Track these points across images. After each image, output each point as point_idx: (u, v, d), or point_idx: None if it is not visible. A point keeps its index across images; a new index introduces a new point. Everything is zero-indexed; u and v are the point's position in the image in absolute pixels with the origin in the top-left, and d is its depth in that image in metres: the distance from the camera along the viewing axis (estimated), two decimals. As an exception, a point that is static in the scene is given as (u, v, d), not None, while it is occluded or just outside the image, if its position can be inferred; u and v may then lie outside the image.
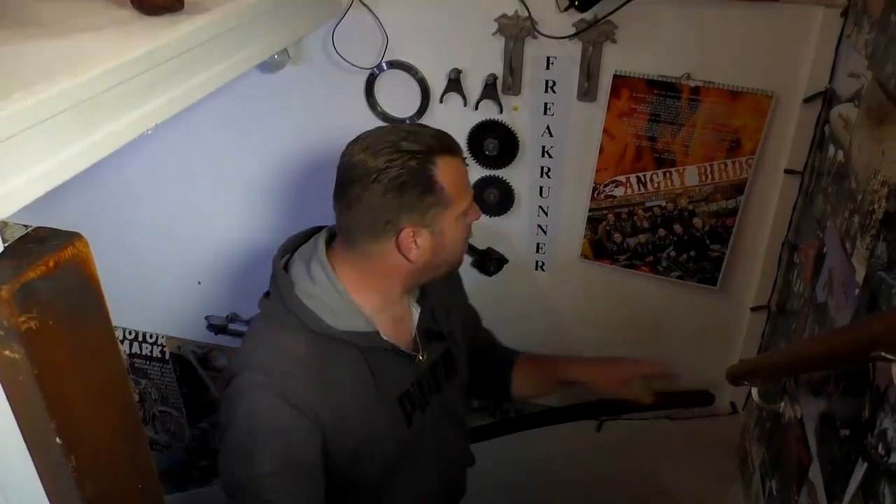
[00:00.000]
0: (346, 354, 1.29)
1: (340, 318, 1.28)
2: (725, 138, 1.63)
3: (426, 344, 1.45)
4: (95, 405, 0.87)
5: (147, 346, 2.56)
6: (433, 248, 1.28)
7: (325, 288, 1.29)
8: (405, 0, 1.66)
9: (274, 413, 1.20)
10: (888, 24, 1.16)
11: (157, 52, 1.03)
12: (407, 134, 1.26)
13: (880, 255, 1.05)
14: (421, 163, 1.22)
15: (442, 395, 1.48)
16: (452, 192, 1.26)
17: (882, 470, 0.93)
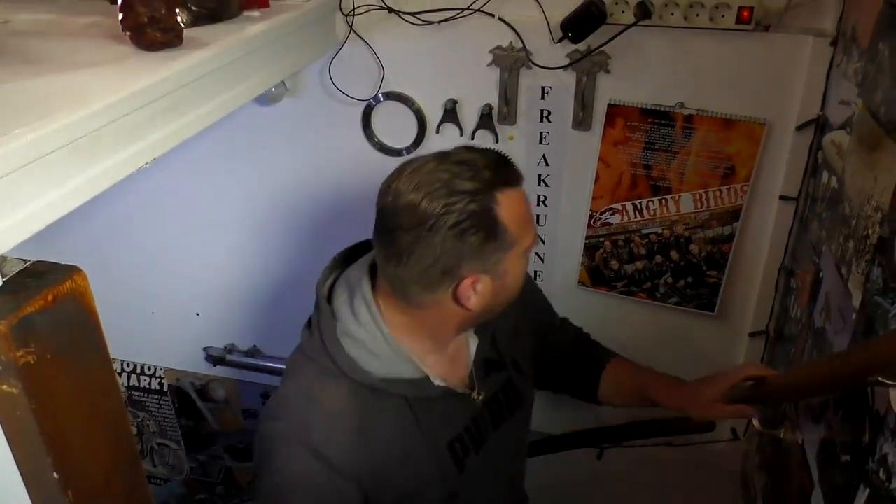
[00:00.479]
0: (390, 403, 1.17)
1: (385, 365, 1.16)
2: (720, 165, 1.64)
3: (484, 377, 1.30)
4: (93, 439, 0.86)
5: (145, 378, 2.55)
6: (494, 293, 1.13)
7: (370, 330, 1.16)
8: (400, 32, 1.68)
9: (309, 474, 1.12)
10: (876, 53, 1.18)
11: (156, 88, 1.04)
12: (460, 168, 1.08)
13: (875, 279, 1.05)
14: (482, 204, 1.06)
15: (500, 430, 1.34)
16: (516, 231, 1.10)
17: (883, 495, 0.92)
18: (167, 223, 2.18)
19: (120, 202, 2.17)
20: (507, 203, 1.09)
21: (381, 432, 1.17)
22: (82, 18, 1.44)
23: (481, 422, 1.30)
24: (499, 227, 1.08)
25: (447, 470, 1.25)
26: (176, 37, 1.20)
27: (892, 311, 0.97)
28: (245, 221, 2.11)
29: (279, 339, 2.29)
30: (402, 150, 1.85)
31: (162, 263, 2.26)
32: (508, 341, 1.36)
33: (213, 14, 1.39)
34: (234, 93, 1.30)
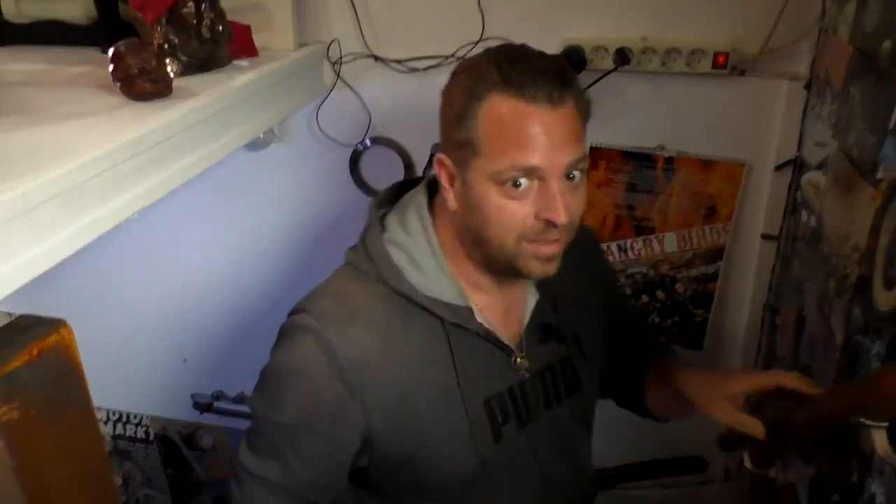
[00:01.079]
0: (425, 325, 1.02)
1: (429, 281, 1.03)
2: (702, 205, 1.67)
3: (537, 343, 1.12)
4: (76, 494, 0.85)
5: (131, 426, 2.52)
6: (463, 200, 0.98)
7: (417, 239, 1.04)
8: (387, 79, 1.72)
9: (309, 365, 0.99)
10: (848, 97, 1.21)
11: (145, 138, 1.06)
12: (496, 54, 0.99)
13: (856, 318, 1.07)
14: (471, 90, 0.95)
15: (555, 412, 1.15)
16: (487, 142, 0.93)
17: (873, 536, 0.92)
18: (154, 269, 2.18)
19: (108, 248, 2.17)
20: (497, 107, 0.92)
21: (406, 348, 1.01)
22: (73, 68, 1.46)
23: (530, 392, 1.11)
24: (470, 122, 0.94)
25: (482, 431, 1.05)
26: (166, 87, 1.22)
27: (873, 350, 0.98)
28: (233, 266, 2.11)
29: (267, 384, 2.27)
30: (390, 194, 1.87)
31: (149, 310, 2.25)
32: (572, 313, 1.17)
33: (203, 64, 1.42)
34: (223, 141, 1.32)
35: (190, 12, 1.37)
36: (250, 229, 2.04)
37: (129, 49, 1.18)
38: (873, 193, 1.04)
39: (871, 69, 1.11)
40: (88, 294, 2.24)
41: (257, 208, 2.00)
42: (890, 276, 0.95)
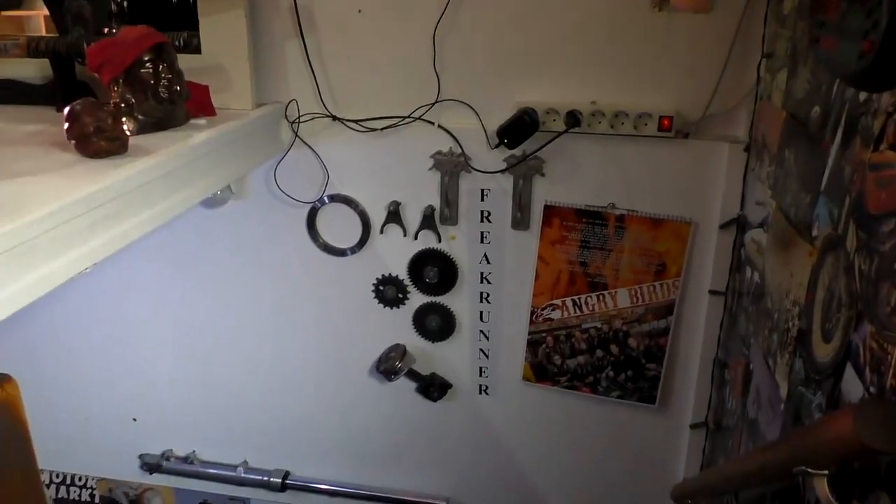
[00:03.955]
0: None
1: None
2: (652, 262, 1.71)
3: None
4: (14, 561, 0.82)
5: (76, 489, 2.42)
6: None
7: None
8: (344, 138, 1.75)
9: None
10: (784, 160, 1.28)
11: (98, 195, 1.06)
12: None
13: (798, 370, 1.10)
14: None
15: None
16: None
17: (820, 588, 0.93)
18: (105, 326, 2.13)
19: (57, 304, 2.12)
20: None
21: None
22: (27, 126, 1.46)
23: None
24: None
25: None
26: (121, 145, 1.22)
27: (815, 401, 1.02)
28: (185, 324, 2.08)
29: (219, 445, 2.22)
30: (347, 251, 1.88)
31: (98, 368, 2.20)
32: None
33: (160, 122, 1.43)
34: (179, 198, 1.32)
35: (147, 73, 1.38)
36: (206, 286, 2.02)
37: (85, 108, 1.19)
38: (810, 250, 1.09)
39: (803, 133, 1.18)
40: (35, 350, 2.18)
41: (214, 265, 1.98)
42: (827, 329, 0.99)
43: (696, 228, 1.66)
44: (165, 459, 2.27)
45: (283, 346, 2.05)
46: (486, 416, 2.02)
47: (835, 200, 0.99)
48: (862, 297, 0.86)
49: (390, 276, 1.89)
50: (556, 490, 2.06)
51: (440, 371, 1.99)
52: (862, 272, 0.87)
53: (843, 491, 0.82)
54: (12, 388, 0.77)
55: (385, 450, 2.13)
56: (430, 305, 1.91)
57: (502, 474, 2.07)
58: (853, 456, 0.75)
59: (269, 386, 2.11)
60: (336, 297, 1.95)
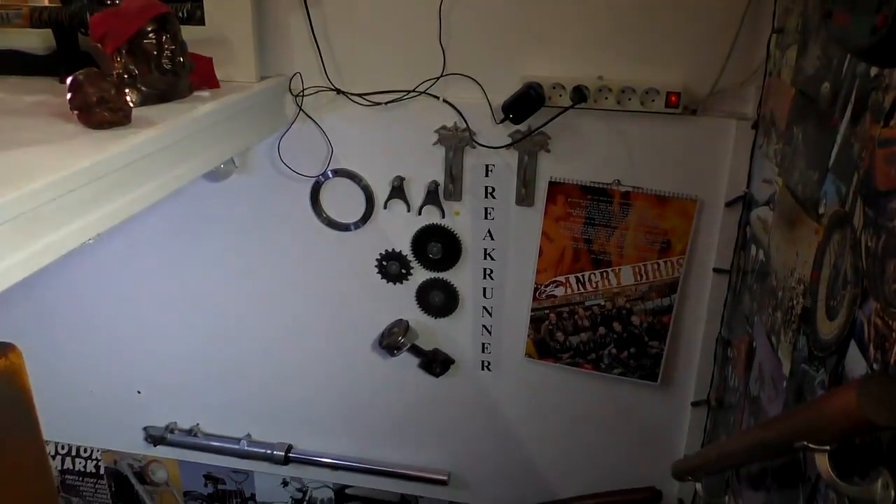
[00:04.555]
0: None
1: None
2: (656, 240, 1.71)
3: None
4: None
5: (81, 460, 2.44)
6: None
7: None
8: (349, 113, 1.74)
9: None
10: (792, 137, 1.26)
11: (101, 166, 1.05)
12: None
13: (802, 348, 1.10)
14: None
15: None
16: None
17: (819, 562, 0.94)
18: (110, 298, 2.14)
19: (63, 276, 2.13)
20: None
21: None
22: (30, 97, 1.45)
23: None
24: None
25: None
26: (124, 116, 1.22)
27: (818, 378, 1.02)
28: (189, 297, 2.09)
29: (222, 417, 2.24)
30: (350, 226, 1.88)
31: (103, 340, 2.21)
32: None
33: (163, 94, 1.42)
34: (182, 170, 1.32)
35: (151, 43, 1.37)
36: (209, 260, 2.02)
37: (88, 78, 1.18)
38: (816, 228, 1.08)
39: (812, 110, 1.16)
40: (40, 322, 2.19)
41: (217, 238, 1.98)
42: (832, 306, 0.98)
43: (701, 206, 1.66)
44: (169, 432, 2.29)
45: (285, 321, 2.06)
46: (488, 392, 2.03)
47: (843, 177, 0.98)
48: (868, 274, 0.85)
49: (394, 251, 1.89)
50: (556, 466, 2.08)
51: (443, 347, 1.99)
52: (868, 249, 0.86)
53: (843, 467, 0.82)
54: (16, 356, 0.78)
55: (387, 424, 2.15)
56: (434, 281, 1.91)
57: (503, 449, 2.08)
58: (856, 431, 0.75)
59: (273, 360, 2.12)
60: (339, 273, 1.95)
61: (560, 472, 2.09)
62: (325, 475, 2.26)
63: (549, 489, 2.10)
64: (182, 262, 2.04)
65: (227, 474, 2.36)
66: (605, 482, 2.00)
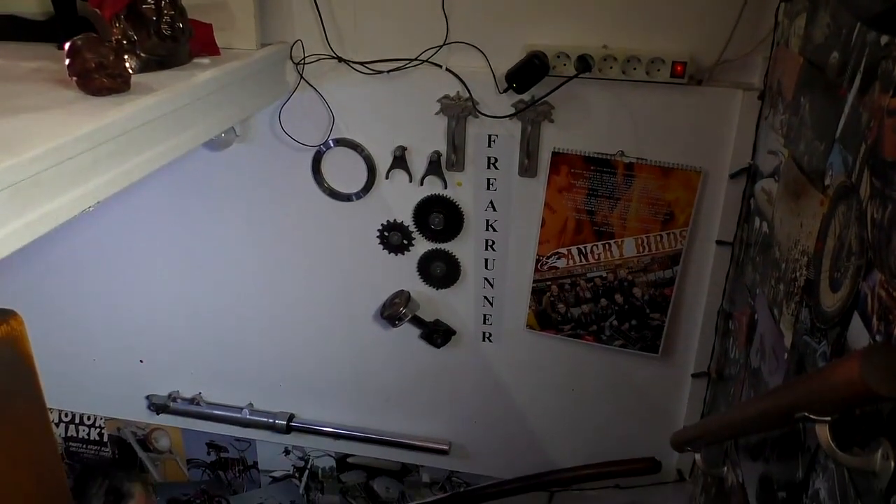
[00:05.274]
0: None
1: None
2: (660, 211, 1.70)
3: None
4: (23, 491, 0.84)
5: (84, 428, 2.47)
6: None
7: None
8: (350, 81, 1.72)
9: None
10: (799, 107, 1.25)
11: (101, 132, 1.04)
12: None
13: (804, 320, 1.10)
14: None
15: None
16: None
17: (816, 532, 0.95)
18: (112, 267, 2.14)
19: (64, 245, 2.13)
20: None
21: None
22: (28, 63, 1.43)
23: None
24: None
25: None
26: (123, 83, 1.20)
27: (819, 350, 1.02)
28: (191, 266, 2.09)
29: (224, 387, 2.26)
30: (352, 196, 1.87)
31: (106, 309, 2.21)
32: None
33: (163, 61, 1.40)
34: (182, 138, 1.31)
35: (149, 8, 1.35)
36: (210, 229, 2.02)
37: (87, 44, 1.16)
38: (821, 199, 1.07)
39: (820, 80, 1.15)
40: (42, 291, 2.20)
41: (218, 208, 1.98)
42: (835, 278, 0.98)
43: (705, 177, 1.64)
44: (172, 400, 2.30)
45: (286, 291, 2.06)
46: (489, 363, 2.04)
47: (850, 148, 0.97)
48: (873, 245, 0.85)
49: (395, 222, 1.88)
50: (556, 436, 2.09)
51: (444, 318, 1.99)
52: (874, 220, 0.85)
53: (843, 438, 0.82)
54: (17, 323, 0.77)
55: (388, 394, 2.16)
56: (435, 252, 1.90)
57: (504, 420, 2.10)
58: (858, 401, 0.75)
59: (274, 330, 2.13)
60: (341, 243, 1.95)
61: (560, 443, 2.10)
62: (327, 444, 2.28)
63: (548, 459, 2.11)
64: (183, 231, 2.04)
65: (230, 442, 2.39)
66: (605, 453, 2.01)
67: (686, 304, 1.79)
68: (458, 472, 2.26)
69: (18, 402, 0.79)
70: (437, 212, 1.84)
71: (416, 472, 2.30)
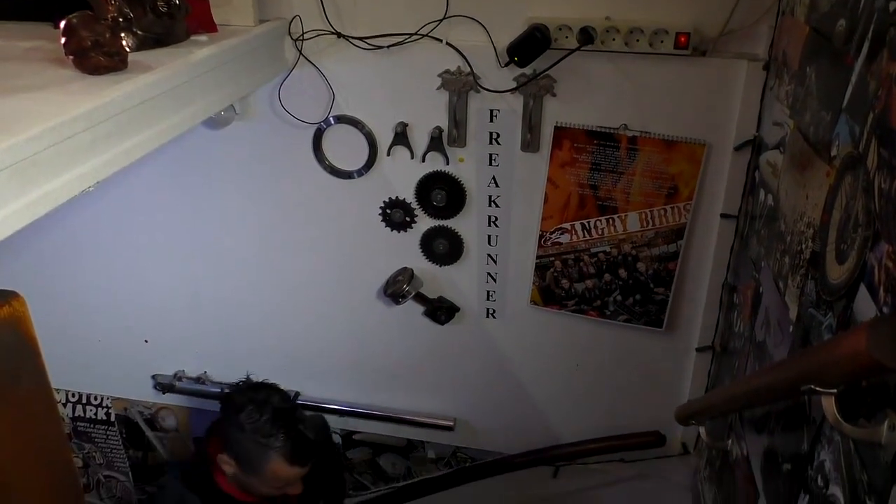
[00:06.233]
0: None
1: None
2: (664, 185, 1.69)
3: None
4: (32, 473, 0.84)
5: (91, 408, 2.48)
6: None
7: None
8: (350, 57, 1.70)
9: None
10: (805, 77, 1.23)
11: (98, 112, 1.03)
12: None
13: (809, 292, 1.09)
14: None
15: None
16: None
17: (822, 502, 0.95)
18: (114, 248, 2.14)
19: (65, 226, 2.12)
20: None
21: None
22: (24, 43, 1.42)
23: None
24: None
25: None
26: (120, 61, 1.19)
27: (825, 322, 1.01)
28: (193, 246, 2.08)
29: (229, 366, 2.26)
30: (354, 173, 1.86)
31: (109, 290, 2.22)
32: None
33: (159, 38, 1.38)
34: (181, 117, 1.29)
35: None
36: (211, 207, 2.01)
37: (82, 22, 1.15)
38: (828, 170, 1.06)
39: (826, 49, 1.13)
40: (44, 273, 2.20)
41: (218, 186, 1.97)
42: (842, 250, 0.97)
43: (709, 150, 1.63)
44: (178, 380, 2.32)
45: (290, 269, 2.06)
46: (492, 340, 2.04)
47: (857, 118, 0.96)
48: (880, 216, 0.84)
49: (397, 199, 1.88)
50: (561, 411, 2.10)
51: (447, 295, 1.99)
52: (881, 191, 0.84)
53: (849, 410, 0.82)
54: (19, 304, 0.77)
55: (392, 371, 2.17)
56: (438, 229, 1.90)
57: (508, 396, 2.11)
58: (864, 373, 0.75)
59: (278, 309, 2.13)
60: (343, 221, 1.94)
61: (564, 418, 2.11)
62: (332, 421, 2.29)
63: (553, 434, 2.12)
64: (183, 210, 2.03)
65: (236, 421, 2.39)
66: (610, 427, 2.02)
67: (690, 278, 1.79)
68: (464, 448, 2.27)
69: (23, 384, 0.79)
70: (440, 188, 1.83)
71: (422, 448, 2.32)
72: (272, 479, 1.74)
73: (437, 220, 1.89)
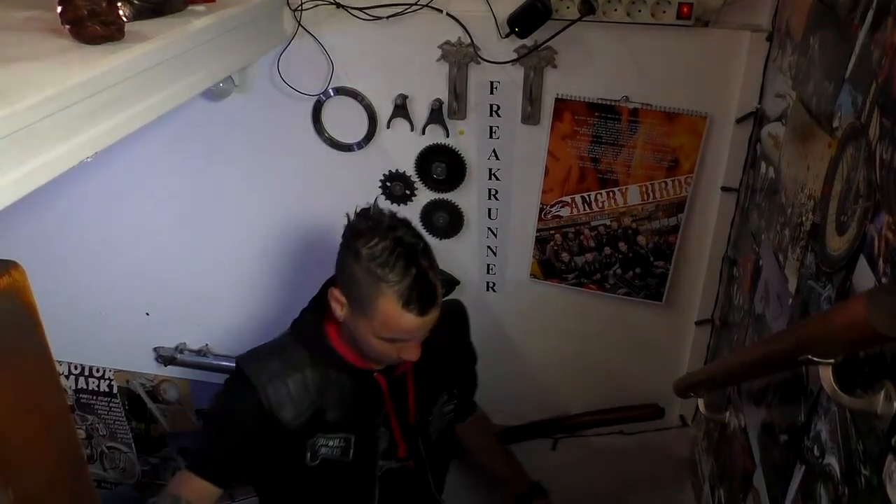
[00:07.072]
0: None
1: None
2: (664, 158, 1.68)
3: None
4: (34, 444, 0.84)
5: (94, 380, 2.50)
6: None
7: None
8: (349, 27, 1.68)
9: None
10: (808, 47, 1.22)
11: (96, 81, 1.03)
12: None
13: (809, 265, 1.09)
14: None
15: None
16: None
17: (818, 471, 0.96)
18: (115, 220, 2.14)
19: (66, 198, 2.12)
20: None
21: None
22: (20, 13, 1.40)
23: None
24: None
25: None
26: (117, 30, 1.18)
27: (824, 294, 1.01)
28: (194, 218, 2.08)
29: (231, 338, 2.27)
30: (353, 146, 1.85)
31: (110, 262, 2.22)
32: None
33: (157, 8, 1.37)
34: (179, 88, 1.29)
35: (142, -47, 1.31)
36: (210, 179, 2.00)
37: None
38: (829, 141, 1.06)
39: (831, 18, 1.12)
40: (47, 245, 2.20)
41: (217, 159, 1.96)
42: (842, 221, 0.97)
43: (711, 123, 1.62)
44: (179, 352, 2.33)
45: (289, 242, 2.06)
46: (493, 313, 2.04)
47: (859, 88, 0.95)
48: (881, 187, 0.84)
49: (397, 171, 1.87)
50: (560, 384, 2.11)
51: (447, 268, 1.97)
52: (883, 161, 0.84)
53: (846, 380, 0.82)
54: (19, 273, 0.77)
55: (393, 344, 2.17)
56: (438, 202, 1.89)
57: (508, 369, 2.12)
58: (862, 343, 0.75)
59: (277, 280, 2.13)
60: (343, 193, 1.93)
61: (564, 391, 2.13)
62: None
63: (553, 407, 2.14)
64: (183, 182, 2.03)
65: (238, 393, 2.41)
66: (609, 400, 2.03)
67: (690, 251, 1.79)
68: (464, 420, 2.28)
69: (24, 353, 0.79)
70: (440, 161, 1.82)
71: (422, 420, 2.33)
72: (381, 324, 1.42)
73: (437, 193, 1.88)
